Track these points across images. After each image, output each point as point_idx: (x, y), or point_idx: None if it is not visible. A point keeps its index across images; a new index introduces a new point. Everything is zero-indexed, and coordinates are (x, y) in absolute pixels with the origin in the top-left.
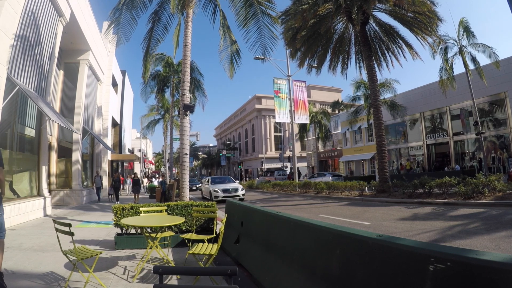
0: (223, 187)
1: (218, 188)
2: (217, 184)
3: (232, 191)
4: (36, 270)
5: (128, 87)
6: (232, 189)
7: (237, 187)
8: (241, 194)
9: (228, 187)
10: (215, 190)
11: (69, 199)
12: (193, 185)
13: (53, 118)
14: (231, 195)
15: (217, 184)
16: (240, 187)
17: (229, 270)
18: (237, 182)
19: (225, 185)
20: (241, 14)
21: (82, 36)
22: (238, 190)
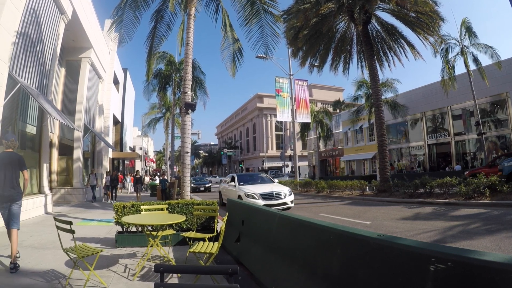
0: (262, 191)
1: (253, 191)
2: (248, 184)
3: (277, 197)
4: (37, 268)
5: (130, 85)
6: (276, 194)
7: (281, 191)
8: (290, 202)
9: (269, 190)
10: (250, 194)
11: (70, 197)
12: (201, 185)
13: (54, 116)
14: (275, 203)
15: (249, 185)
16: (287, 191)
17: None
18: (277, 181)
19: (262, 187)
20: (243, 12)
21: (84, 34)
22: (283, 195)
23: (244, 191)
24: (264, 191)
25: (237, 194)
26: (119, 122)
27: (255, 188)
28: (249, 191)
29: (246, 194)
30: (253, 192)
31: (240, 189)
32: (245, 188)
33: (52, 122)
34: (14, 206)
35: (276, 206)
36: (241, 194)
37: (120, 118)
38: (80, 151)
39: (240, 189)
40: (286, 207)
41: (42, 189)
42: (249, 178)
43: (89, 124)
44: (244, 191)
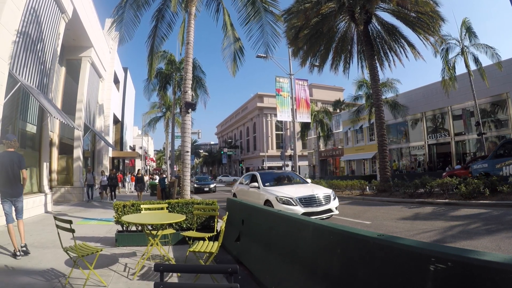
0: (299, 194)
1: (288, 194)
2: (276, 185)
3: (320, 202)
4: (37, 267)
5: (130, 84)
6: (318, 198)
7: (324, 194)
8: (335, 208)
9: (309, 192)
10: (285, 199)
11: (70, 196)
12: (205, 185)
13: (54, 115)
14: (318, 210)
15: (278, 187)
16: (332, 193)
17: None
18: (310, 181)
19: (297, 189)
20: (244, 12)
21: (85, 33)
22: (328, 199)
23: (275, 194)
24: (303, 194)
25: (263, 198)
26: (119, 121)
27: (287, 190)
28: (282, 195)
29: (279, 199)
30: (288, 196)
31: (267, 191)
32: (274, 191)
33: (52, 121)
34: (18, 201)
35: (319, 215)
36: (270, 198)
37: (120, 117)
38: (80, 150)
39: (268, 192)
40: (330, 215)
41: (42, 188)
42: (275, 177)
43: (89, 123)
44: (274, 195)
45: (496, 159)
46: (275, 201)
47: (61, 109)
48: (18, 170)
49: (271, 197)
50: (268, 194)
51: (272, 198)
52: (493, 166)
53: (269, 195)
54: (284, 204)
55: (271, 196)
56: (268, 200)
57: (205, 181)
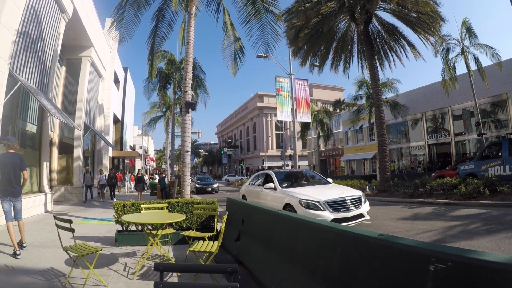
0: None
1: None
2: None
3: (351, 206)
4: (37, 266)
5: (130, 84)
6: (349, 201)
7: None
8: (366, 212)
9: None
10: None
11: (70, 196)
12: (207, 185)
13: (54, 114)
14: (349, 215)
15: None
16: (362, 195)
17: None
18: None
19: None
20: (244, 11)
21: (85, 32)
22: (359, 202)
23: (297, 197)
24: (331, 197)
25: (282, 201)
26: (119, 121)
27: (311, 192)
28: (306, 198)
29: (304, 203)
30: (314, 199)
31: (286, 194)
32: (295, 193)
33: (52, 121)
34: (18, 201)
35: (350, 221)
36: (292, 202)
37: (120, 117)
38: (80, 149)
39: (287, 194)
40: (361, 221)
41: (42, 187)
42: (293, 177)
43: (89, 123)
44: (296, 198)
45: (482, 161)
46: (298, 205)
47: (61, 109)
48: (19, 171)
49: (293, 200)
50: (289, 197)
51: (295, 202)
52: (479, 167)
53: (290, 198)
54: (309, 209)
55: (292, 199)
56: (289, 204)
57: (207, 181)
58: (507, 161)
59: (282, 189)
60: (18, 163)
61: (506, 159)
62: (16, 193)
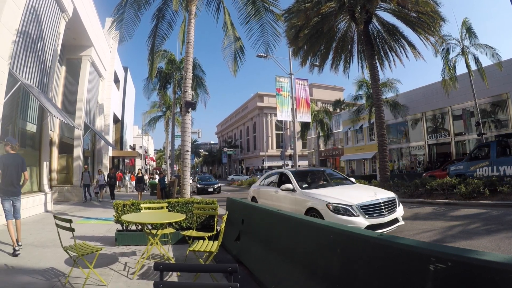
0: (360, 200)
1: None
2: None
3: (386, 210)
4: (37, 266)
5: (130, 84)
6: (385, 204)
7: (389, 198)
8: (401, 216)
9: (371, 197)
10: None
11: (70, 195)
12: (209, 185)
13: (54, 114)
14: (385, 221)
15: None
16: (396, 198)
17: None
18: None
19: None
20: (244, 11)
21: (85, 32)
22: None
23: (324, 200)
24: (364, 200)
25: (304, 205)
26: (119, 121)
27: (338, 193)
28: (336, 201)
29: (333, 208)
30: (345, 202)
31: (309, 196)
32: (319, 195)
33: (52, 120)
34: (18, 200)
35: (386, 227)
36: (318, 206)
37: (120, 117)
38: (80, 149)
39: (310, 197)
40: (397, 226)
41: (42, 187)
42: (312, 176)
43: (89, 123)
44: (323, 201)
45: (471, 162)
46: (325, 209)
47: (61, 108)
48: (20, 172)
49: (319, 204)
50: (313, 200)
51: (321, 206)
52: (468, 168)
53: (314, 201)
54: (340, 215)
55: (318, 202)
56: (313, 208)
57: (209, 181)
58: (495, 162)
59: (303, 190)
60: (20, 164)
61: (493, 160)
62: (17, 193)
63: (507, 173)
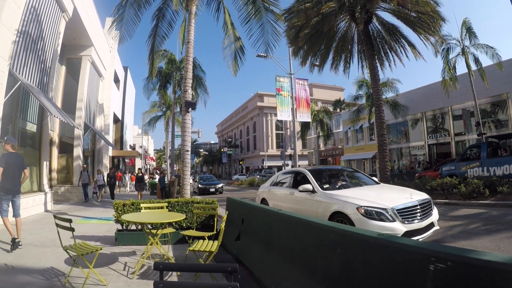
0: (395, 203)
1: (376, 202)
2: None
3: (421, 215)
4: (37, 266)
5: (130, 83)
6: (421, 207)
7: (425, 200)
8: (436, 220)
9: (407, 199)
10: (373, 210)
11: (70, 195)
12: (210, 185)
13: (54, 114)
14: (422, 225)
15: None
16: (431, 200)
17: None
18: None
19: (384, 194)
20: (244, 11)
21: (85, 31)
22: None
23: (354, 203)
24: (399, 202)
25: (328, 208)
26: (119, 120)
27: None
28: (368, 204)
29: (366, 212)
30: (379, 205)
31: (334, 198)
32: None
33: (52, 120)
34: (18, 198)
35: (423, 234)
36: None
37: (120, 116)
38: (80, 149)
39: (336, 199)
40: (434, 231)
41: (42, 187)
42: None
43: (89, 122)
44: (353, 203)
45: (462, 162)
46: (355, 214)
47: (61, 108)
48: (21, 170)
49: (348, 207)
50: (339, 203)
51: (351, 210)
52: (460, 169)
53: (341, 204)
54: (373, 220)
55: (346, 206)
56: (340, 212)
57: (211, 181)
58: (485, 163)
59: (325, 191)
60: (21, 163)
61: (484, 161)
62: (18, 191)
63: (497, 173)
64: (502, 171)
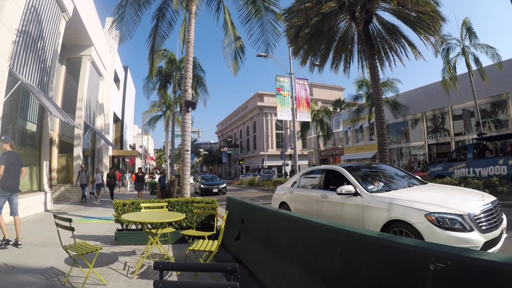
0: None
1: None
2: (391, 189)
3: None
4: (36, 265)
5: (130, 83)
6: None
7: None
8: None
9: (480, 202)
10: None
11: (70, 195)
12: (213, 185)
13: (54, 113)
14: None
15: (396, 191)
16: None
17: (229, 267)
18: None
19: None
20: (244, 10)
21: (85, 31)
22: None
23: (422, 208)
24: (475, 206)
25: (383, 215)
26: (119, 120)
27: (434, 198)
28: (440, 210)
29: (437, 219)
30: (454, 210)
31: (391, 203)
32: (410, 201)
33: (52, 120)
34: (15, 197)
35: (498, 243)
36: (409, 217)
37: (120, 116)
38: (80, 149)
39: (394, 204)
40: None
41: (42, 186)
42: (373, 175)
43: (89, 122)
44: (421, 209)
45: (450, 163)
46: (424, 222)
47: (61, 108)
48: (20, 168)
49: (413, 214)
50: (398, 209)
51: (417, 218)
52: (447, 169)
53: (400, 209)
54: (448, 230)
55: (409, 212)
56: (400, 219)
57: (213, 181)
58: (471, 164)
59: (373, 194)
60: (19, 162)
61: (470, 162)
62: (17, 189)
63: (482, 174)
64: (487, 172)
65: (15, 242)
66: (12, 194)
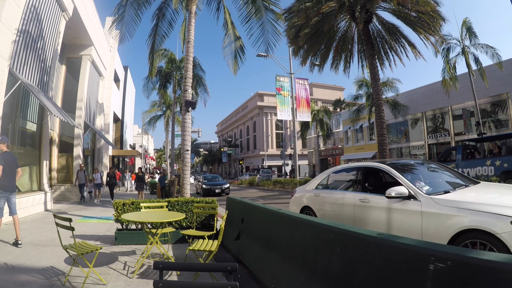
0: None
1: None
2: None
3: None
4: (36, 265)
5: (130, 83)
6: None
7: None
8: None
9: None
10: None
11: (70, 194)
12: (216, 186)
13: (54, 113)
14: None
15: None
16: None
17: (229, 267)
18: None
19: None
20: (244, 10)
21: (85, 31)
22: None
23: (505, 214)
24: None
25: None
26: (119, 120)
27: (504, 200)
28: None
29: None
30: None
31: (460, 207)
32: (484, 204)
33: (52, 119)
34: (13, 196)
35: None
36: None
37: (120, 116)
38: (80, 148)
39: (464, 208)
40: None
41: (42, 186)
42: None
43: (90, 122)
44: (505, 215)
45: None
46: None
47: (61, 108)
48: (16, 168)
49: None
50: (472, 214)
51: (501, 226)
52: None
53: (474, 215)
54: None
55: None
56: (476, 229)
57: (216, 181)
58: (460, 165)
59: (433, 197)
60: (15, 162)
61: (459, 163)
62: (14, 189)
63: (470, 174)
64: (475, 173)
65: (15, 242)
66: (11, 194)
